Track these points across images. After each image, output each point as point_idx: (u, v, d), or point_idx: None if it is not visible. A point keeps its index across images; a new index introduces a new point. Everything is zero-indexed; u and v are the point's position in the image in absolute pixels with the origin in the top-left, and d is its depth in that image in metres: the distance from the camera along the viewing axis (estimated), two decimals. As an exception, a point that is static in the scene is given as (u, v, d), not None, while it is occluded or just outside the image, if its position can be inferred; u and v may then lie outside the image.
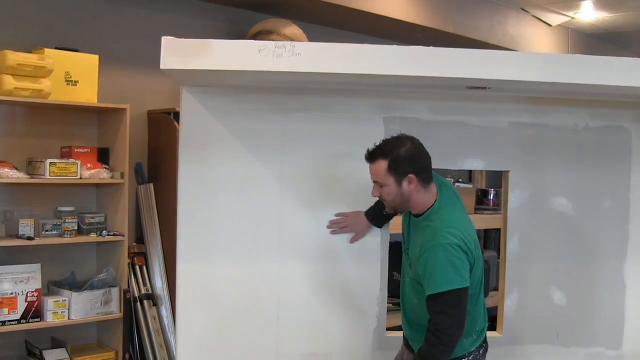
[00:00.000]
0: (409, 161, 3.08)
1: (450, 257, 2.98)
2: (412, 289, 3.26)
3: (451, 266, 2.98)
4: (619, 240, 4.01)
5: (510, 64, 3.18)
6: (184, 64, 3.04)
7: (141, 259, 5.05)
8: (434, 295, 2.99)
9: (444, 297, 2.97)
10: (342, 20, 6.02)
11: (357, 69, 3.08)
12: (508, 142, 3.91)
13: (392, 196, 3.12)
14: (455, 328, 3.00)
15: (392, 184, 3.09)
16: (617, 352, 4.01)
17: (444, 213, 3.14)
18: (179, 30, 3.39)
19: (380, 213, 3.58)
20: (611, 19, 7.74)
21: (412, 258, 3.19)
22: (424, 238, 3.08)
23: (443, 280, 2.97)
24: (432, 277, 2.99)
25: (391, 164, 3.07)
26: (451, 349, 3.00)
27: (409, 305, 3.34)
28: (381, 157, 3.09)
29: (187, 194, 3.65)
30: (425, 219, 3.15)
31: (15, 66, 4.23)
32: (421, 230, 3.15)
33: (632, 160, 4.00)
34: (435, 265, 2.98)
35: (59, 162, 4.43)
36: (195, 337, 3.69)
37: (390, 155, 3.08)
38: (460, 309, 3.01)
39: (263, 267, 3.72)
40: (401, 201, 3.14)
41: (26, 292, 4.36)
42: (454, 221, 3.11)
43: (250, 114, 3.69)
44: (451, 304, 2.99)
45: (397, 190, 3.10)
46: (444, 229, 3.04)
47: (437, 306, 3.00)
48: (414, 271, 3.17)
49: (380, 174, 3.09)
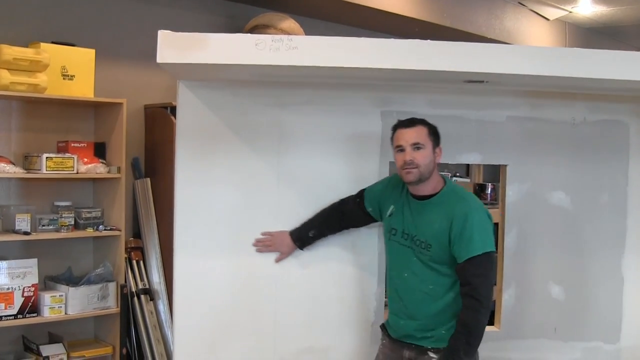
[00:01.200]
0: (439, 136, 3.33)
1: (484, 222, 3.22)
2: (425, 276, 3.29)
3: (486, 230, 3.20)
4: (617, 234, 4.01)
5: (508, 58, 3.18)
6: (181, 58, 3.03)
7: (138, 254, 5.04)
8: (471, 258, 3.13)
9: (483, 259, 3.14)
10: (339, 14, 6.00)
11: (354, 63, 3.07)
12: (506, 136, 3.91)
13: (427, 159, 3.25)
14: (490, 290, 3.19)
15: (429, 148, 3.26)
16: (615, 347, 4.02)
17: (462, 190, 3.38)
18: (176, 24, 3.36)
19: (306, 234, 3.68)
20: (609, 12, 7.73)
21: (429, 238, 3.25)
22: (451, 208, 3.22)
23: (481, 243, 3.15)
24: (471, 240, 3.14)
25: (430, 131, 3.28)
26: (489, 312, 3.16)
27: (418, 298, 3.31)
28: (421, 124, 3.28)
29: (184, 189, 3.64)
30: (442, 196, 3.29)
31: (11, 61, 4.21)
32: (439, 207, 3.27)
33: (630, 154, 4.01)
34: (472, 229, 3.16)
35: (55, 157, 4.41)
36: (192, 332, 3.68)
37: (429, 124, 3.30)
38: (493, 272, 3.25)
39: (260, 261, 3.71)
40: (431, 168, 3.28)
41: (23, 287, 4.34)
42: (474, 197, 3.40)
43: (247, 108, 3.69)
44: (488, 266, 3.18)
45: (431, 155, 3.26)
46: (473, 199, 3.33)
47: (476, 269, 3.13)
48: (433, 252, 3.24)
49: (422, 136, 3.25)
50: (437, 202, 3.27)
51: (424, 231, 3.27)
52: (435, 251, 3.22)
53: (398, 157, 3.27)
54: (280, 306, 3.74)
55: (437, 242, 3.22)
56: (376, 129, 3.79)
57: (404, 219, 3.37)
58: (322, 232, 3.69)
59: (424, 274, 3.28)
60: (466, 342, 3.11)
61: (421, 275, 3.29)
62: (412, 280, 3.33)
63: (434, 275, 3.26)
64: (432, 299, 3.27)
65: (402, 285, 3.38)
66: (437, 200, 3.28)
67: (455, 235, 3.16)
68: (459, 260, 3.16)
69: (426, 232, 3.26)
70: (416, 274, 3.31)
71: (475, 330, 3.12)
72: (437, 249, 3.22)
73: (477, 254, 3.12)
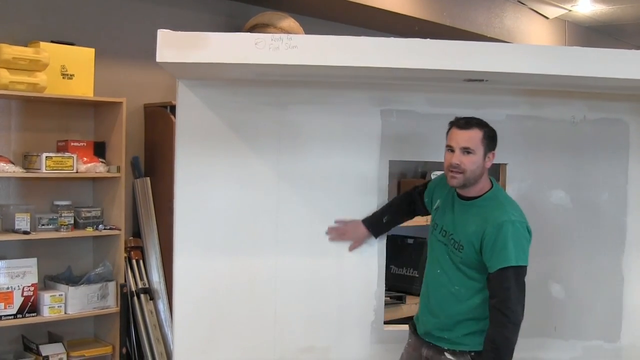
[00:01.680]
0: (495, 139, 3.26)
1: (519, 234, 3.12)
2: (453, 276, 3.26)
3: (520, 243, 3.11)
4: (617, 232, 4.01)
5: (508, 57, 3.18)
6: (180, 57, 3.03)
7: (138, 253, 5.04)
8: (502, 269, 3.07)
9: (513, 272, 3.07)
10: (338, 13, 6.00)
11: (354, 62, 3.07)
12: (506, 134, 3.88)
13: (475, 166, 3.18)
14: (520, 306, 3.09)
15: (480, 154, 3.18)
16: (616, 345, 4.01)
17: (505, 196, 3.31)
18: (176, 23, 3.37)
19: (380, 220, 3.67)
20: (608, 11, 7.72)
21: (463, 239, 3.21)
22: (488, 214, 3.16)
23: (514, 255, 3.07)
24: (503, 251, 3.07)
25: (486, 135, 3.19)
26: (518, 328, 3.09)
27: (443, 296, 3.30)
28: (478, 127, 3.20)
29: (184, 188, 3.64)
30: (484, 200, 3.24)
31: (10, 60, 4.20)
32: (478, 210, 3.22)
33: (630, 152, 4.00)
34: (506, 240, 3.08)
35: (55, 156, 4.41)
36: (192, 331, 3.68)
37: (487, 128, 3.22)
38: (523, 286, 3.12)
39: (260, 260, 3.71)
40: (478, 174, 3.21)
41: (22, 286, 4.34)
42: (517, 205, 3.28)
43: (247, 107, 3.69)
44: (518, 280, 3.09)
45: (481, 162, 3.19)
46: (513, 208, 3.20)
47: (505, 281, 3.07)
48: (464, 254, 3.20)
49: (475, 141, 3.17)
50: (478, 205, 3.23)
51: (459, 232, 3.24)
52: (466, 254, 3.19)
53: (447, 157, 3.23)
54: (280, 305, 3.74)
55: (469, 245, 3.18)
56: (376, 128, 3.79)
57: (445, 216, 3.35)
58: (395, 218, 3.72)
59: (453, 274, 3.26)
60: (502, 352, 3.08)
61: (450, 274, 3.28)
62: (442, 277, 3.31)
63: (461, 277, 3.24)
64: (456, 299, 3.25)
65: (432, 281, 3.38)
66: (479, 203, 3.24)
67: (487, 243, 3.11)
68: (490, 270, 3.11)
69: (461, 233, 3.23)
70: (446, 272, 3.29)
71: (504, 347, 3.07)
72: (468, 252, 3.19)
73: (509, 266, 3.06)
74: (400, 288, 5.58)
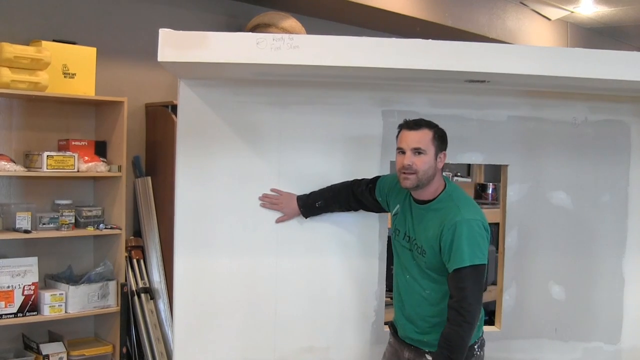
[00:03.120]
0: (446, 139, 3.25)
1: (474, 233, 3.09)
2: (422, 281, 3.26)
3: (475, 242, 3.08)
4: (618, 234, 4.01)
5: (510, 58, 3.17)
6: (182, 57, 3.03)
7: (139, 253, 5.04)
8: (458, 270, 3.06)
9: (468, 272, 3.06)
10: (340, 14, 6.00)
11: (355, 62, 3.07)
12: (507, 136, 3.90)
13: (427, 166, 3.17)
14: (476, 304, 3.08)
15: (431, 154, 3.18)
16: (616, 347, 4.02)
17: (459, 195, 3.26)
18: (177, 22, 3.36)
19: (313, 204, 3.66)
20: (610, 13, 7.72)
21: (424, 244, 3.20)
22: (444, 216, 3.14)
23: (468, 255, 3.05)
24: (458, 252, 3.06)
25: (436, 135, 3.20)
26: (473, 327, 3.09)
27: (416, 301, 3.31)
28: (427, 127, 3.20)
29: (185, 187, 3.64)
30: (439, 202, 3.22)
31: (12, 59, 4.21)
32: (434, 212, 3.20)
33: (631, 154, 4.00)
34: (461, 240, 3.06)
35: (56, 155, 4.41)
36: (192, 331, 3.68)
37: (436, 128, 3.22)
38: (480, 285, 3.12)
39: (261, 260, 3.71)
40: (430, 175, 3.19)
41: (23, 285, 4.34)
42: (472, 203, 3.27)
43: (248, 107, 3.68)
44: (474, 279, 3.08)
45: (432, 162, 3.18)
46: (466, 207, 3.17)
47: (461, 281, 3.06)
48: (427, 259, 3.19)
49: (425, 141, 3.18)
50: (433, 208, 3.22)
51: (420, 237, 3.24)
52: (429, 258, 3.19)
53: (398, 159, 3.22)
54: (280, 305, 3.74)
55: (430, 249, 3.18)
56: (377, 129, 3.78)
57: (405, 222, 3.35)
58: (328, 206, 3.67)
59: (422, 279, 3.27)
60: (448, 357, 3.07)
61: (419, 279, 3.28)
62: (412, 283, 3.32)
63: (430, 281, 3.24)
64: (428, 303, 3.26)
65: (403, 287, 3.37)
66: (434, 206, 3.23)
67: (444, 245, 3.10)
68: (449, 271, 3.11)
69: (422, 238, 3.23)
70: (415, 278, 3.30)
71: (457, 346, 3.07)
72: (431, 256, 3.18)
73: (464, 266, 3.05)
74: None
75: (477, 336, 3.25)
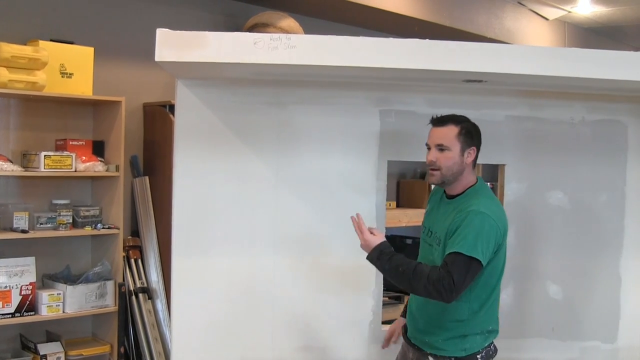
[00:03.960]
0: (476, 134, 3.20)
1: (484, 227, 3.02)
2: None
3: (481, 236, 3.00)
4: (615, 234, 4.01)
5: (507, 57, 3.18)
6: (179, 57, 3.03)
7: (136, 252, 5.04)
8: (458, 254, 2.95)
9: (465, 261, 2.96)
10: (338, 13, 6.00)
11: (353, 62, 3.07)
12: (504, 135, 3.90)
13: (451, 162, 3.15)
14: (450, 292, 2.93)
15: (456, 150, 3.15)
16: (613, 346, 4.02)
17: (485, 193, 3.23)
18: (175, 22, 3.36)
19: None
20: (608, 13, 7.73)
21: (440, 233, 3.17)
22: (463, 207, 3.10)
23: (469, 244, 2.97)
24: (460, 237, 3.00)
25: (462, 131, 3.15)
26: (432, 293, 2.95)
27: (421, 298, 3.22)
28: (453, 123, 3.16)
29: (183, 187, 3.64)
30: (465, 195, 3.19)
31: (9, 58, 4.21)
32: (457, 204, 3.17)
33: (628, 154, 4.01)
34: (469, 228, 3.00)
35: (53, 155, 4.41)
36: (190, 331, 3.68)
37: (463, 123, 3.17)
38: (464, 276, 2.96)
39: (258, 260, 3.72)
40: (456, 171, 3.16)
41: (21, 285, 4.34)
42: (496, 203, 3.23)
43: (245, 106, 3.68)
44: (464, 269, 2.95)
45: (458, 158, 3.15)
46: (487, 203, 3.12)
47: (457, 265, 2.94)
48: (442, 248, 3.13)
49: (449, 137, 3.15)
50: (459, 201, 3.19)
51: (439, 227, 3.20)
52: (443, 247, 3.13)
53: (426, 155, 3.22)
54: (278, 304, 3.74)
55: (444, 237, 3.13)
56: (375, 128, 3.79)
57: (430, 216, 3.34)
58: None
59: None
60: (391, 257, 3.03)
61: None
62: None
63: None
64: (434, 302, 3.14)
65: None
66: (460, 199, 3.19)
67: (452, 229, 3.05)
68: (446, 252, 3.01)
69: (440, 227, 3.19)
70: None
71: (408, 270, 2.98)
72: (444, 245, 3.12)
73: (461, 253, 2.95)
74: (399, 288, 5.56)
75: (481, 345, 3.20)
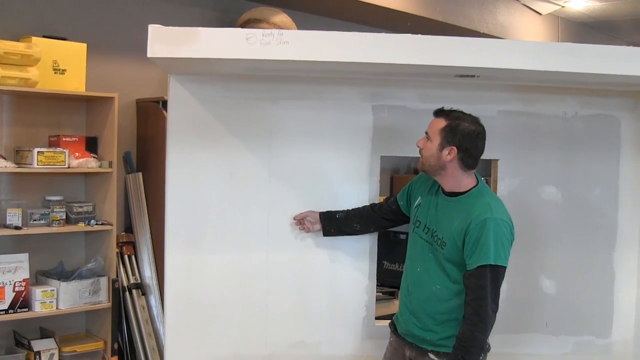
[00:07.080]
0: (461, 136, 3.16)
1: (502, 233, 3.06)
2: (435, 275, 3.23)
3: (501, 242, 3.05)
4: (608, 228, 4.01)
5: (500, 53, 3.18)
6: (171, 52, 3.03)
7: (130, 249, 5.04)
8: (480, 267, 3.01)
9: (490, 271, 3.01)
10: (331, 9, 6.00)
11: (345, 58, 3.07)
12: (497, 130, 3.89)
13: (429, 153, 3.19)
14: (494, 306, 3.04)
15: (436, 144, 3.18)
16: (607, 341, 4.03)
17: (491, 195, 3.26)
18: (168, 18, 3.37)
19: (333, 215, 3.67)
20: (601, 7, 7.74)
21: (446, 235, 3.18)
22: (473, 211, 3.11)
23: (493, 254, 3.01)
24: (483, 249, 3.02)
25: (446, 127, 3.17)
26: (487, 328, 3.05)
27: (424, 295, 3.27)
28: (444, 116, 3.20)
29: (176, 183, 3.64)
30: (469, 196, 3.20)
31: (2, 54, 4.19)
32: (463, 205, 3.18)
33: (621, 148, 4.01)
34: (488, 238, 3.02)
35: (46, 151, 4.40)
36: (184, 327, 3.68)
37: (453, 120, 3.18)
38: (498, 287, 3.06)
39: (252, 256, 3.72)
40: (434, 165, 3.19)
41: (14, 282, 4.34)
42: (503, 205, 3.23)
43: (238, 102, 3.68)
44: (494, 279, 3.03)
45: (436, 153, 3.17)
46: (498, 207, 3.14)
47: (481, 279, 3.02)
48: (447, 251, 3.16)
49: (434, 128, 3.20)
50: (462, 202, 3.19)
51: (443, 228, 3.20)
52: (449, 250, 3.15)
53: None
54: (271, 300, 3.74)
55: (451, 241, 3.14)
56: (367, 123, 3.79)
57: (428, 213, 3.32)
58: (349, 218, 3.65)
59: (435, 272, 3.23)
60: (462, 358, 3.04)
61: (432, 272, 3.24)
62: (423, 275, 3.28)
63: (443, 276, 3.20)
64: (436, 299, 3.22)
65: (412, 280, 3.35)
66: (464, 200, 3.19)
67: (469, 239, 3.06)
68: (468, 268, 3.06)
69: (444, 229, 3.19)
70: (428, 271, 3.26)
71: (472, 346, 3.03)
72: (451, 248, 3.15)
73: (487, 264, 3.01)
74: (393, 283, 5.56)
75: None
